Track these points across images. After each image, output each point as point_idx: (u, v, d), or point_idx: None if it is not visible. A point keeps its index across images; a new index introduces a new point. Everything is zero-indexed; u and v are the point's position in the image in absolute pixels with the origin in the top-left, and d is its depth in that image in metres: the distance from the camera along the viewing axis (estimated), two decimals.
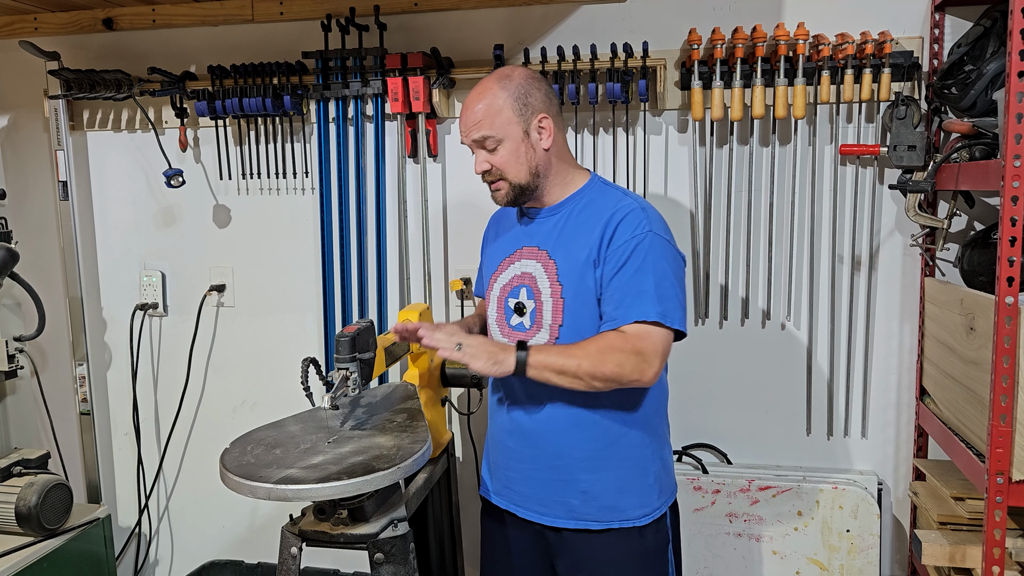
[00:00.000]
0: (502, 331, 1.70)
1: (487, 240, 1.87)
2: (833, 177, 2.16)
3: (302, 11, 2.36)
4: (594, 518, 1.63)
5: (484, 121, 1.59)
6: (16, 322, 2.51)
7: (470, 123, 1.61)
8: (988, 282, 1.71)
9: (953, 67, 1.93)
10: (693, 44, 2.11)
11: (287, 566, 1.56)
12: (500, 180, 1.64)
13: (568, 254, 1.62)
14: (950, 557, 1.82)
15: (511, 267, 1.70)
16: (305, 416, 1.77)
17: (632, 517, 1.64)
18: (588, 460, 1.63)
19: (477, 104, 1.61)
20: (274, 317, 2.56)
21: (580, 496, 1.64)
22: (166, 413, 2.67)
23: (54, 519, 2.21)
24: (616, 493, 1.63)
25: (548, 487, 1.66)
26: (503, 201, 1.67)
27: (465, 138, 1.64)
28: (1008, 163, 1.50)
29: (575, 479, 1.63)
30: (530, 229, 1.70)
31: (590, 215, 1.63)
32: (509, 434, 1.71)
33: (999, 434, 1.56)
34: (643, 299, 1.52)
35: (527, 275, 1.67)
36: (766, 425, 2.29)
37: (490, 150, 1.61)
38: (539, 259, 1.66)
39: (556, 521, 1.66)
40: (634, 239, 1.55)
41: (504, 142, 1.60)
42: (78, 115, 2.57)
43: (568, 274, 1.61)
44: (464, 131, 1.63)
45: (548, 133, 1.63)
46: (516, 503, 1.72)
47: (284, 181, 2.49)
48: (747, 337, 2.26)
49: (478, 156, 1.64)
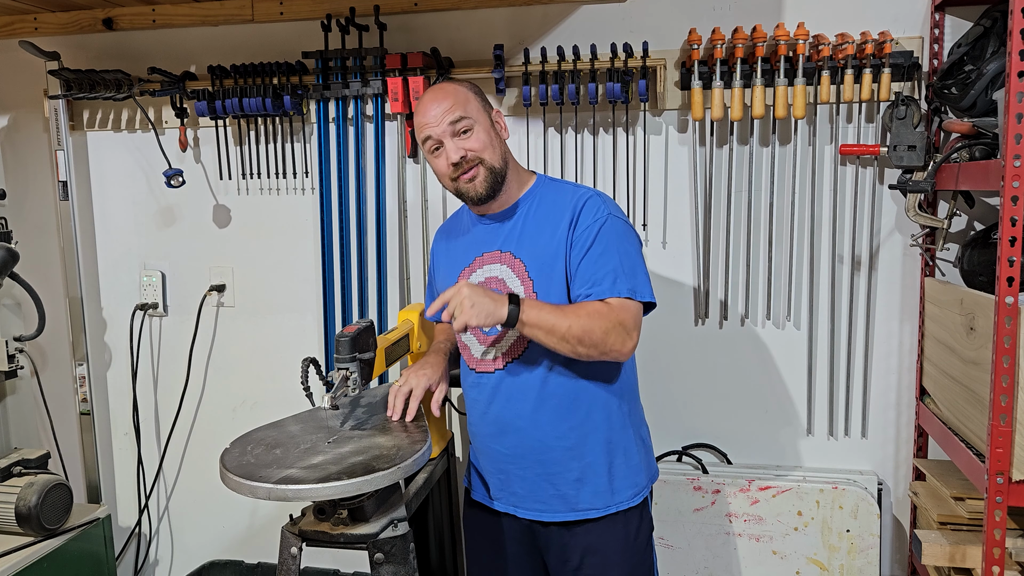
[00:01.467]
0: (477, 337, 1.70)
1: (437, 260, 1.86)
2: (833, 177, 2.16)
3: (302, 11, 2.36)
4: (589, 505, 1.66)
5: (456, 106, 1.61)
6: (16, 322, 2.51)
7: (441, 111, 1.61)
8: (988, 282, 1.71)
9: (953, 67, 1.93)
10: (693, 44, 2.11)
11: (287, 566, 1.56)
12: (476, 166, 1.62)
13: (534, 251, 1.64)
14: (950, 557, 1.82)
15: (474, 275, 1.70)
16: (305, 416, 1.77)
17: (623, 499, 1.68)
18: (574, 449, 1.65)
19: (442, 97, 1.62)
20: (274, 317, 2.56)
21: (574, 485, 1.66)
22: (166, 413, 2.67)
23: (54, 519, 2.21)
24: (607, 477, 1.66)
25: (540, 483, 1.67)
26: (481, 189, 1.63)
27: (435, 128, 1.61)
28: (1008, 163, 1.50)
29: (566, 469, 1.65)
30: (486, 236, 1.72)
31: (549, 210, 1.67)
32: (494, 438, 1.71)
33: (999, 434, 1.56)
34: (613, 276, 1.58)
35: (492, 279, 1.68)
36: (766, 425, 2.29)
37: (463, 133, 1.61)
38: (503, 261, 1.67)
39: (556, 516, 1.67)
40: (596, 222, 1.61)
41: (477, 125, 1.63)
42: (78, 115, 2.57)
43: (538, 269, 1.63)
44: (434, 122, 1.61)
45: (503, 127, 1.69)
46: (513, 504, 1.73)
47: (284, 181, 2.49)
48: (747, 337, 2.26)
49: (449, 147, 1.61)
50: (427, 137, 1.63)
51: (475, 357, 1.72)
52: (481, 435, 1.75)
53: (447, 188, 1.70)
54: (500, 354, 1.67)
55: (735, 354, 2.27)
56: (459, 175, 1.63)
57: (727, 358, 2.28)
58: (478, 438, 1.77)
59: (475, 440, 1.79)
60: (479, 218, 1.74)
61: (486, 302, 1.50)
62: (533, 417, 1.65)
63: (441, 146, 1.63)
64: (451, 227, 1.86)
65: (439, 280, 1.84)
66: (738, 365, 2.27)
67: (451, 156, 1.61)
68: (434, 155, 1.65)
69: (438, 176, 1.69)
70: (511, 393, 1.66)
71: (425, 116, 1.63)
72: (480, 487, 1.80)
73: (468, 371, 1.75)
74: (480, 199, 1.65)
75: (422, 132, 1.64)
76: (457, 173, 1.63)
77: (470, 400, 1.77)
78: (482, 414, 1.72)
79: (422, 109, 1.64)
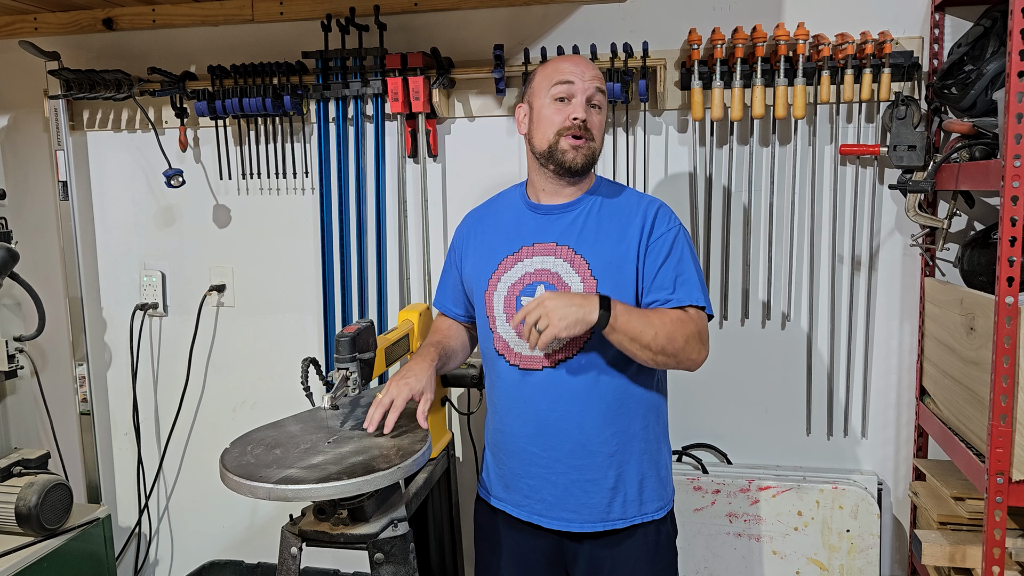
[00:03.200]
0: (517, 331, 1.64)
1: (468, 245, 1.78)
2: (833, 177, 2.16)
3: (302, 11, 2.36)
4: (620, 516, 1.63)
5: (602, 81, 1.63)
6: (16, 322, 2.51)
7: (591, 73, 1.60)
8: (988, 282, 1.71)
9: (953, 67, 1.93)
10: (693, 44, 2.11)
11: (287, 566, 1.56)
12: (587, 140, 1.60)
13: (599, 250, 1.61)
14: (950, 557, 1.82)
15: (519, 264, 1.65)
16: (305, 416, 1.77)
17: (650, 511, 1.65)
18: (615, 456, 1.62)
19: (594, 67, 1.63)
20: (274, 317, 2.56)
21: (608, 494, 1.62)
22: (166, 413, 2.67)
23: (54, 519, 2.21)
24: (637, 488, 1.64)
25: (573, 490, 1.63)
26: (580, 160, 1.60)
27: (580, 80, 1.58)
28: (1008, 163, 1.50)
29: (603, 476, 1.62)
30: (539, 225, 1.67)
31: (613, 211, 1.64)
32: (531, 439, 1.64)
33: (999, 434, 1.56)
34: (691, 286, 1.59)
35: (544, 272, 1.63)
36: (766, 425, 2.29)
37: (595, 106, 1.61)
38: (560, 255, 1.62)
39: (584, 526, 1.63)
40: (670, 231, 1.62)
41: (603, 110, 1.64)
42: (78, 115, 2.57)
43: (603, 269, 1.59)
44: (581, 76, 1.59)
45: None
46: (539, 512, 1.66)
47: (284, 181, 2.49)
48: (747, 337, 2.26)
49: (581, 103, 1.58)
50: (565, 81, 1.59)
51: (518, 352, 1.64)
52: (514, 434, 1.67)
53: (541, 143, 1.62)
54: (551, 351, 1.61)
55: (735, 354, 2.27)
56: (570, 134, 1.59)
57: (727, 358, 2.28)
58: (510, 438, 1.68)
59: (505, 440, 1.70)
60: (533, 206, 1.69)
61: (573, 309, 1.46)
62: (579, 419, 1.60)
63: (571, 99, 1.59)
64: (487, 213, 1.79)
65: (468, 267, 1.75)
66: (738, 365, 2.27)
67: (578, 112, 1.58)
68: (556, 103, 1.60)
69: (543, 125, 1.62)
70: (559, 393, 1.61)
71: (573, 66, 1.61)
72: (501, 492, 1.72)
73: (506, 366, 1.66)
74: (572, 169, 1.61)
75: (562, 75, 1.59)
76: (570, 131, 1.59)
77: (505, 396, 1.68)
78: (521, 413, 1.65)
79: (570, 60, 1.63)
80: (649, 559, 1.66)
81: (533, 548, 1.69)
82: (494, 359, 1.69)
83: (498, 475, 1.73)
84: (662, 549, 1.68)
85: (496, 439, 1.73)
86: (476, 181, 2.34)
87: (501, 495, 1.72)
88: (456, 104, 2.34)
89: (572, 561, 1.68)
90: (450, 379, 2.06)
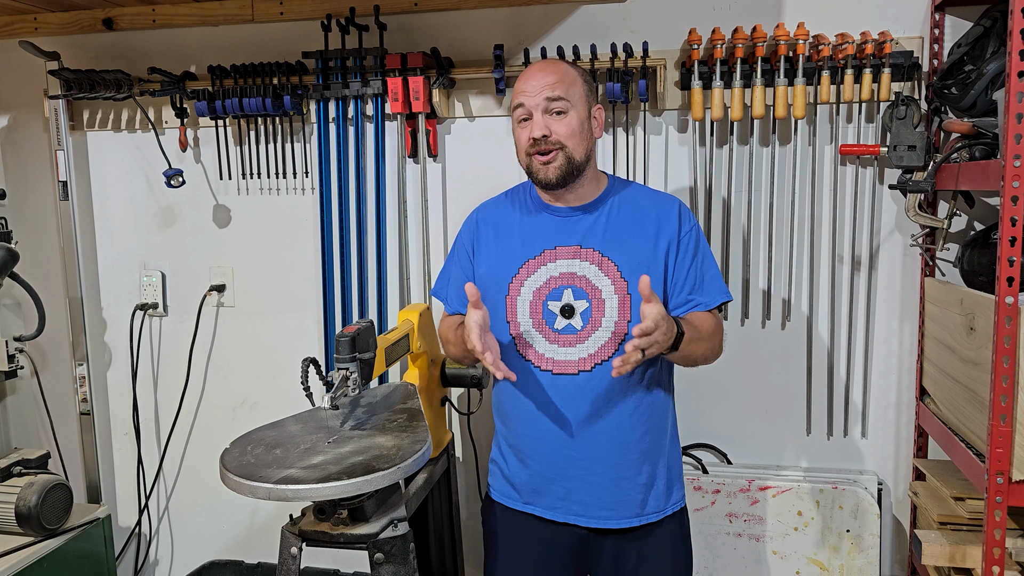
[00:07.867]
0: (545, 336, 1.63)
1: (482, 242, 1.75)
2: (833, 177, 2.16)
3: (302, 11, 2.36)
4: (653, 510, 1.67)
5: (559, 84, 1.57)
6: (16, 322, 2.51)
7: (545, 82, 1.57)
8: (988, 282, 1.71)
9: (953, 67, 1.93)
10: (693, 44, 2.11)
11: (287, 566, 1.56)
12: (557, 151, 1.57)
13: (627, 251, 1.62)
14: (950, 557, 1.82)
15: (542, 268, 1.64)
16: (305, 416, 1.77)
17: (674, 502, 1.71)
18: (648, 452, 1.66)
19: (550, 71, 1.59)
20: (274, 317, 2.56)
21: (642, 490, 1.65)
22: (166, 413, 2.67)
23: (54, 519, 2.21)
24: (666, 481, 1.69)
25: (611, 488, 1.64)
26: (554, 175, 1.58)
27: (530, 98, 1.57)
28: (1008, 163, 1.50)
29: (638, 473, 1.65)
30: (559, 227, 1.65)
31: (634, 210, 1.66)
32: (566, 443, 1.63)
33: (999, 434, 1.56)
34: (718, 282, 1.68)
35: (571, 275, 1.62)
36: (766, 425, 2.29)
37: (556, 114, 1.58)
38: (588, 259, 1.62)
39: (620, 522, 1.65)
40: (693, 230, 1.67)
41: (572, 111, 1.58)
42: (78, 115, 2.57)
43: (633, 270, 1.59)
44: (532, 92, 1.57)
45: (599, 125, 1.66)
46: (576, 513, 1.66)
47: (284, 181, 2.49)
48: (747, 337, 2.26)
49: (537, 121, 1.57)
50: (520, 104, 1.59)
51: (548, 358, 1.63)
52: (545, 439, 1.64)
53: (520, 161, 1.64)
54: (587, 355, 1.61)
55: (735, 354, 2.26)
56: (535, 152, 1.59)
57: (727, 358, 2.24)
58: (540, 443, 1.65)
59: (536, 445, 1.67)
60: (551, 207, 1.68)
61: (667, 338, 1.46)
62: (616, 419, 1.62)
63: (530, 118, 1.59)
64: (498, 212, 1.76)
65: (484, 269, 1.72)
66: (738, 365, 2.27)
67: (534, 131, 1.57)
68: (520, 125, 1.61)
69: (517, 147, 1.64)
70: (597, 396, 1.61)
71: (525, 84, 1.59)
72: (530, 496, 1.69)
73: (534, 371, 1.64)
74: (548, 184, 1.61)
75: (516, 98, 1.60)
76: (534, 150, 1.59)
77: (532, 401, 1.65)
78: (555, 417, 1.63)
79: (525, 76, 1.61)
80: (674, 548, 1.70)
81: (555, 547, 1.70)
82: (516, 363, 1.64)
83: (525, 480, 1.70)
84: (685, 539, 1.74)
85: (521, 444, 1.69)
86: (476, 181, 2.33)
87: (531, 499, 1.70)
88: (456, 104, 2.34)
89: (595, 557, 1.70)
90: (450, 379, 2.06)
